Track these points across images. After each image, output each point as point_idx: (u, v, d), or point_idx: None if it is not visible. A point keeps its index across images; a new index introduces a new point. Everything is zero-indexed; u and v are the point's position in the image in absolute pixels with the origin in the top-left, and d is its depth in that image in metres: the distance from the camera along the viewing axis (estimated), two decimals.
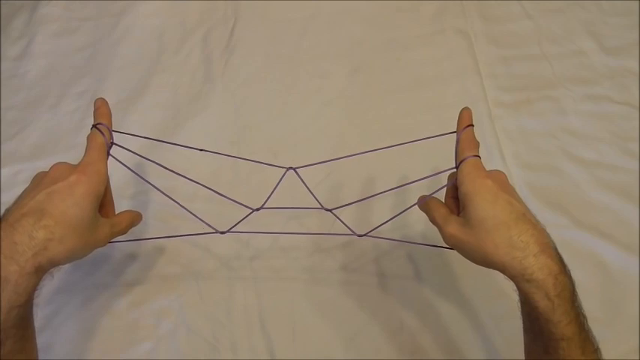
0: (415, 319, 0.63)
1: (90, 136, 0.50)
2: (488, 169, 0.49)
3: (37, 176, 0.48)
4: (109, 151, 0.51)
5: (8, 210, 0.45)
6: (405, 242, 0.67)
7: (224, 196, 0.56)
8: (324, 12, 0.90)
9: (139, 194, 0.71)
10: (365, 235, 0.58)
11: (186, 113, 0.79)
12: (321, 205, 0.57)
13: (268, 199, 0.55)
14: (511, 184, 0.49)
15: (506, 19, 0.89)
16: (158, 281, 0.66)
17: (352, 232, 0.58)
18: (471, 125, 0.51)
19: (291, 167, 0.55)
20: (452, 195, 0.52)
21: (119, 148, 0.53)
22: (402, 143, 0.56)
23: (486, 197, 0.45)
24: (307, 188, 0.56)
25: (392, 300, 0.65)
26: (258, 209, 0.56)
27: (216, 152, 0.58)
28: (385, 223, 0.57)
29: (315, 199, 0.57)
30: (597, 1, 0.90)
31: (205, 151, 0.58)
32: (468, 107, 0.52)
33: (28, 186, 0.47)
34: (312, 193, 0.56)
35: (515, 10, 0.90)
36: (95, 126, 0.51)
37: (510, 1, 0.91)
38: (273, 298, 0.65)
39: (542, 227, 0.45)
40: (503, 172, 0.50)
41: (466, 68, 0.83)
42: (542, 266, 0.42)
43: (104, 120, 0.51)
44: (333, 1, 0.90)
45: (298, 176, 0.55)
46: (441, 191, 0.53)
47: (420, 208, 0.54)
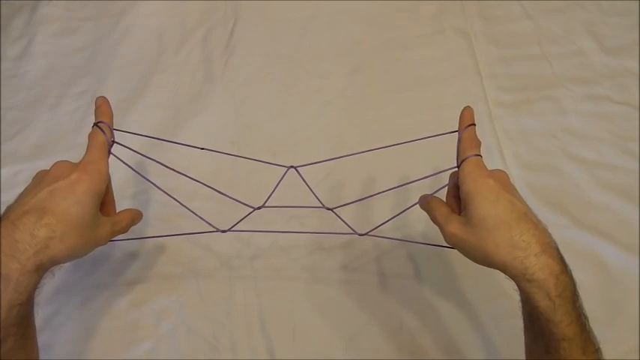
0: (415, 318, 0.63)
1: (91, 135, 0.50)
2: (490, 169, 0.48)
3: (38, 174, 0.48)
4: (110, 150, 0.51)
5: (10, 208, 0.45)
6: (405, 242, 0.67)
7: (225, 195, 0.56)
8: (324, 12, 0.90)
9: (139, 194, 0.71)
10: (366, 234, 0.58)
11: (186, 113, 0.79)
12: (322, 204, 0.57)
13: (269, 197, 0.55)
14: (512, 184, 0.49)
15: (506, 19, 0.89)
16: (158, 280, 0.66)
17: (353, 231, 0.58)
18: (473, 124, 0.50)
19: (292, 166, 0.55)
20: (453, 194, 0.52)
21: (120, 146, 0.53)
22: (404, 142, 0.56)
23: (488, 196, 0.45)
24: (308, 187, 0.56)
25: (392, 300, 0.65)
26: (259, 208, 0.56)
27: (217, 151, 0.58)
28: (386, 223, 0.57)
29: (316, 197, 0.57)
30: (597, 1, 0.90)
31: (206, 149, 0.58)
32: (470, 106, 0.52)
33: (29, 184, 0.47)
34: (312, 192, 0.56)
35: (515, 10, 0.90)
36: (96, 124, 0.51)
37: (510, 1, 0.91)
38: (273, 297, 0.65)
39: (544, 227, 0.45)
40: (505, 172, 0.50)
41: (466, 68, 0.83)
42: (543, 266, 0.42)
43: (105, 118, 0.51)
44: (333, 1, 0.90)
45: (299, 175, 0.55)
46: (442, 190, 0.53)
47: (421, 207, 0.54)
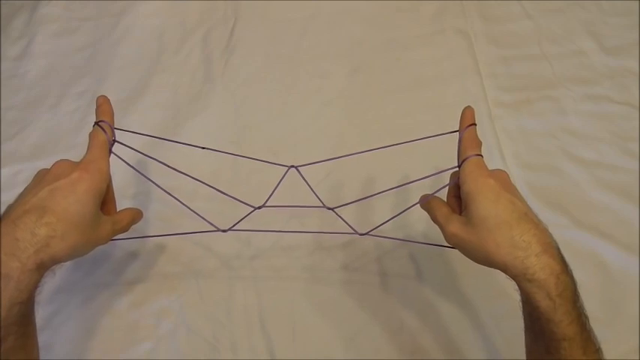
0: (416, 318, 0.63)
1: (92, 134, 0.50)
2: (490, 169, 0.48)
3: (39, 173, 0.48)
4: (111, 149, 0.51)
5: (10, 206, 0.45)
6: (406, 241, 0.67)
7: (226, 195, 0.56)
8: (324, 12, 0.90)
9: (139, 194, 0.71)
10: (366, 233, 0.58)
11: (186, 113, 0.79)
12: (322, 203, 0.57)
13: (270, 197, 0.55)
14: (513, 184, 0.49)
15: (506, 19, 0.89)
16: (159, 280, 0.66)
17: (354, 230, 0.58)
18: (474, 124, 0.50)
19: (293, 165, 0.55)
20: (454, 194, 0.52)
21: (121, 146, 0.53)
22: (405, 142, 0.56)
23: (488, 196, 0.45)
24: (309, 186, 0.56)
25: (393, 300, 0.65)
26: (260, 207, 0.56)
27: (218, 150, 0.58)
28: (387, 222, 0.57)
29: (317, 197, 0.56)
30: (597, 1, 0.90)
31: (207, 149, 0.58)
32: (471, 106, 0.52)
33: (30, 183, 0.47)
34: (313, 192, 0.56)
35: (515, 10, 0.90)
36: (97, 123, 0.51)
37: (510, 1, 0.91)
38: (274, 297, 0.65)
39: (545, 227, 0.45)
40: (506, 172, 0.50)
41: (466, 68, 0.83)
42: (543, 266, 0.42)
43: (106, 117, 0.51)
44: (333, 1, 0.90)
45: (300, 174, 0.55)
46: (442, 190, 0.53)
47: (421, 207, 0.54)
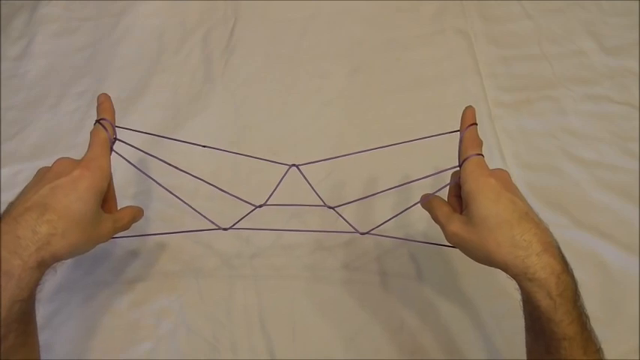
0: (416, 318, 0.63)
1: (93, 132, 0.50)
2: (491, 168, 0.48)
3: (40, 171, 0.48)
4: (112, 147, 0.51)
5: (11, 204, 0.45)
6: (407, 240, 0.67)
7: (228, 193, 0.56)
8: (324, 12, 0.90)
9: (140, 193, 0.71)
10: (367, 233, 0.58)
11: (186, 113, 0.79)
12: (323, 202, 0.57)
13: (271, 195, 0.55)
14: (514, 183, 0.49)
15: (506, 19, 0.89)
16: (159, 279, 0.66)
17: (355, 230, 0.58)
18: (475, 124, 0.50)
19: (294, 164, 0.55)
20: (455, 193, 0.52)
21: (121, 145, 0.53)
22: (406, 141, 0.56)
23: (489, 196, 0.45)
24: (310, 185, 0.56)
25: (393, 299, 0.65)
26: (261, 206, 0.56)
27: (219, 149, 0.58)
28: (387, 222, 0.57)
29: (318, 196, 0.57)
30: (597, 1, 0.90)
31: (208, 147, 0.57)
32: (472, 106, 0.52)
33: (31, 181, 0.47)
34: (314, 190, 0.56)
35: (515, 10, 0.90)
36: (98, 121, 0.51)
37: (510, 1, 0.91)
38: (274, 297, 0.65)
39: (545, 226, 0.45)
40: (507, 171, 0.49)
41: (466, 68, 0.83)
42: (544, 265, 0.42)
43: (107, 115, 0.51)
44: (333, 1, 0.90)
45: (301, 173, 0.55)
46: (443, 190, 0.53)
47: (422, 206, 0.55)
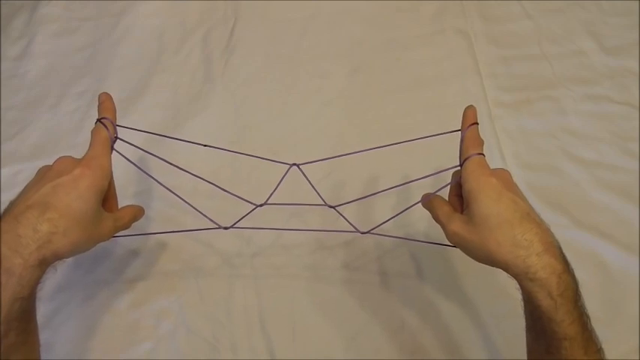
0: (416, 318, 0.63)
1: (94, 131, 0.50)
2: (492, 168, 0.48)
3: (41, 170, 0.48)
4: (113, 146, 0.51)
5: (12, 203, 0.45)
6: (407, 240, 0.67)
7: (228, 192, 0.56)
8: (324, 12, 0.90)
9: (140, 193, 0.71)
10: (368, 232, 0.58)
11: (186, 113, 0.79)
12: (324, 201, 0.57)
13: (272, 195, 0.55)
14: (515, 183, 0.49)
15: (506, 19, 0.89)
16: (159, 278, 0.66)
17: (355, 229, 0.58)
18: (476, 123, 0.50)
19: (294, 163, 0.55)
20: (456, 193, 0.52)
21: (122, 144, 0.53)
22: (407, 140, 0.56)
23: (490, 195, 0.45)
24: (311, 184, 0.56)
25: (393, 299, 0.65)
26: (261, 205, 0.56)
27: (220, 148, 0.58)
28: (388, 221, 0.57)
29: (319, 195, 0.56)
30: (597, 1, 0.90)
31: (209, 146, 0.57)
32: (473, 105, 0.52)
33: (32, 179, 0.47)
34: (315, 189, 0.56)
35: (515, 10, 0.90)
36: (100, 120, 0.50)
37: (510, 1, 0.91)
38: (274, 296, 0.65)
39: (547, 226, 0.45)
40: (508, 171, 0.50)
41: (466, 68, 0.84)
42: (545, 265, 0.42)
43: (108, 114, 0.51)
44: (333, 1, 0.90)
45: (302, 172, 0.55)
46: (444, 189, 0.53)
47: (423, 205, 0.54)
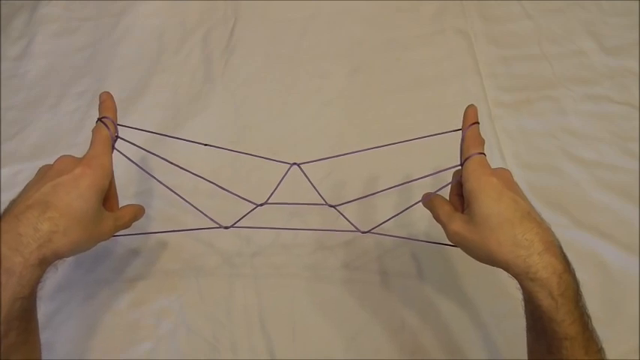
0: (417, 317, 0.63)
1: (95, 130, 0.50)
2: (493, 167, 0.48)
3: (41, 169, 0.48)
4: (113, 145, 0.51)
5: (13, 202, 0.45)
6: (408, 239, 0.67)
7: (229, 192, 0.56)
8: (324, 12, 0.90)
9: (141, 193, 0.71)
10: (369, 231, 0.58)
11: (186, 113, 0.79)
12: (325, 201, 0.57)
13: (272, 194, 0.55)
14: (516, 182, 0.49)
15: (506, 19, 0.89)
16: (160, 277, 0.66)
17: (356, 228, 0.58)
18: (477, 123, 0.50)
19: (295, 163, 0.55)
20: (456, 192, 0.52)
21: (123, 143, 0.53)
22: (408, 140, 0.56)
23: (491, 195, 0.45)
24: (311, 184, 0.56)
25: (394, 298, 0.65)
26: (262, 204, 0.56)
27: (221, 147, 0.58)
28: (389, 220, 0.57)
29: (319, 194, 0.56)
30: (597, 1, 0.90)
31: (209, 145, 0.57)
32: (474, 105, 0.52)
33: (32, 178, 0.47)
34: (315, 189, 0.56)
35: (515, 10, 0.90)
36: (100, 119, 0.50)
37: (510, 1, 0.91)
38: (274, 296, 0.65)
39: (547, 226, 0.45)
40: (509, 170, 0.50)
41: (466, 68, 0.84)
42: (546, 265, 0.42)
43: (109, 114, 0.51)
44: (333, 1, 0.90)
45: (302, 172, 0.55)
46: (445, 189, 0.53)
47: (424, 205, 0.54)
